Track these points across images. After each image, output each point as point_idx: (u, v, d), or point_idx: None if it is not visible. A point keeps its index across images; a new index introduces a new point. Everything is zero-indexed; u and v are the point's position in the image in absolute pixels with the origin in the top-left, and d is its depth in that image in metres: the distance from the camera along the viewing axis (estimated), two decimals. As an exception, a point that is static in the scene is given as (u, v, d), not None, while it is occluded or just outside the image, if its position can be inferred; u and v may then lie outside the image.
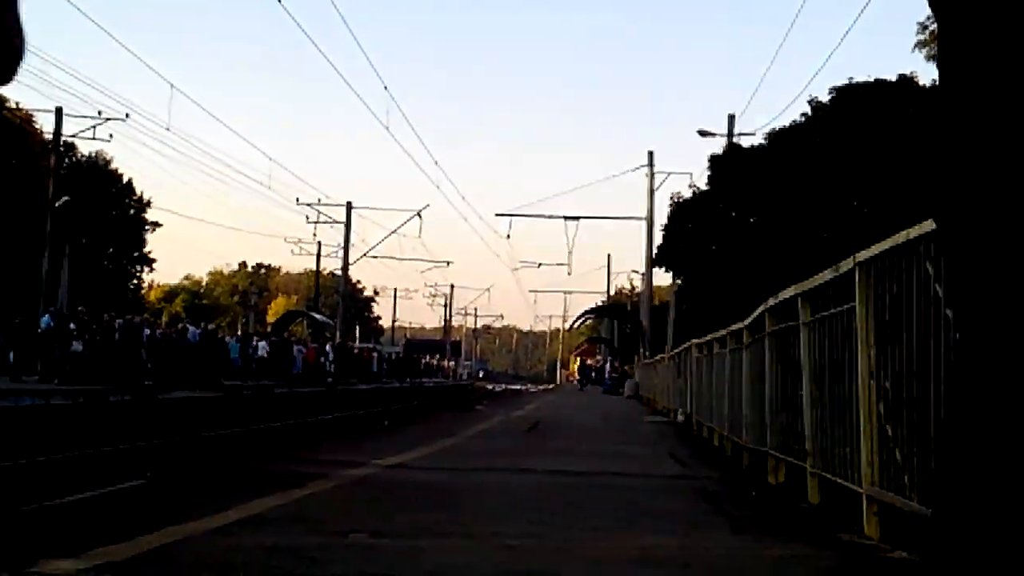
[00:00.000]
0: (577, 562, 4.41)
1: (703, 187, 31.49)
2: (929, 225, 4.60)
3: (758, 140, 31.22)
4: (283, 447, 20.55)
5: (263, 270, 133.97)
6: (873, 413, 5.56)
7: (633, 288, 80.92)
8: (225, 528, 5.18)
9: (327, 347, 51.91)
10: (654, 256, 36.96)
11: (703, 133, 36.59)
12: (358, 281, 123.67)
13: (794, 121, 29.98)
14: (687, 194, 32.42)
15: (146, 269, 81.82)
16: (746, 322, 10.87)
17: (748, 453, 10.47)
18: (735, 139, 34.18)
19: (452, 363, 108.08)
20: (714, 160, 30.38)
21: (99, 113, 40.98)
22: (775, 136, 29.85)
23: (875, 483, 5.53)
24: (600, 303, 76.97)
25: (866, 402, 5.66)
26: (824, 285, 6.79)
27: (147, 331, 30.81)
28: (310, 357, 46.69)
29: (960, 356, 1.93)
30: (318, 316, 64.45)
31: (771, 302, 9.08)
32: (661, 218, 35.69)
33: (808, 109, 30.28)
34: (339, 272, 69.49)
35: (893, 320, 5.19)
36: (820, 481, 7.15)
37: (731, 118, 36.24)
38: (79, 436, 23.80)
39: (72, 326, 27.67)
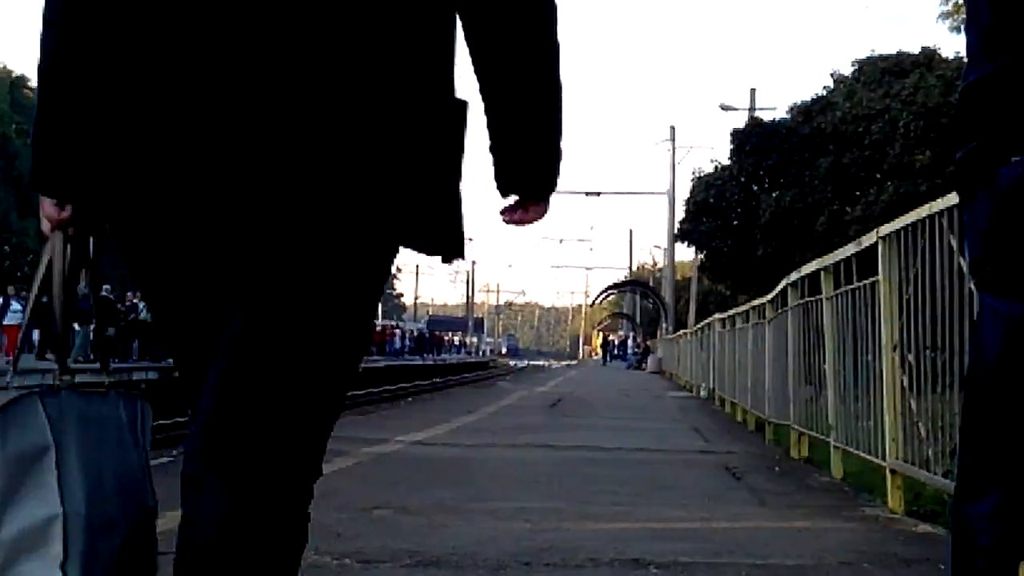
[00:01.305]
0: (599, 537, 4.43)
1: (725, 162, 31.37)
2: (952, 198, 4.59)
3: (780, 114, 31.09)
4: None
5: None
6: (896, 387, 5.55)
7: (655, 263, 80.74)
8: (251, 504, 5.22)
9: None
10: (676, 231, 36.85)
11: (725, 107, 36.48)
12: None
13: (816, 95, 29.83)
14: (709, 169, 32.30)
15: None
16: (769, 297, 10.86)
17: (771, 427, 10.48)
18: (757, 113, 34.03)
19: (475, 339, 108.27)
20: (736, 134, 30.23)
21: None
22: (797, 110, 29.69)
23: (899, 457, 5.53)
24: (622, 278, 76.88)
25: (890, 376, 5.65)
26: (847, 259, 6.77)
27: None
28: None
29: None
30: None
31: (794, 276, 9.06)
32: (683, 193, 35.58)
33: (831, 82, 30.13)
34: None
35: (916, 293, 5.18)
36: (843, 455, 7.15)
37: (753, 92, 36.15)
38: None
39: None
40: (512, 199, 1.84)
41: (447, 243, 1.72)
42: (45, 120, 1.66)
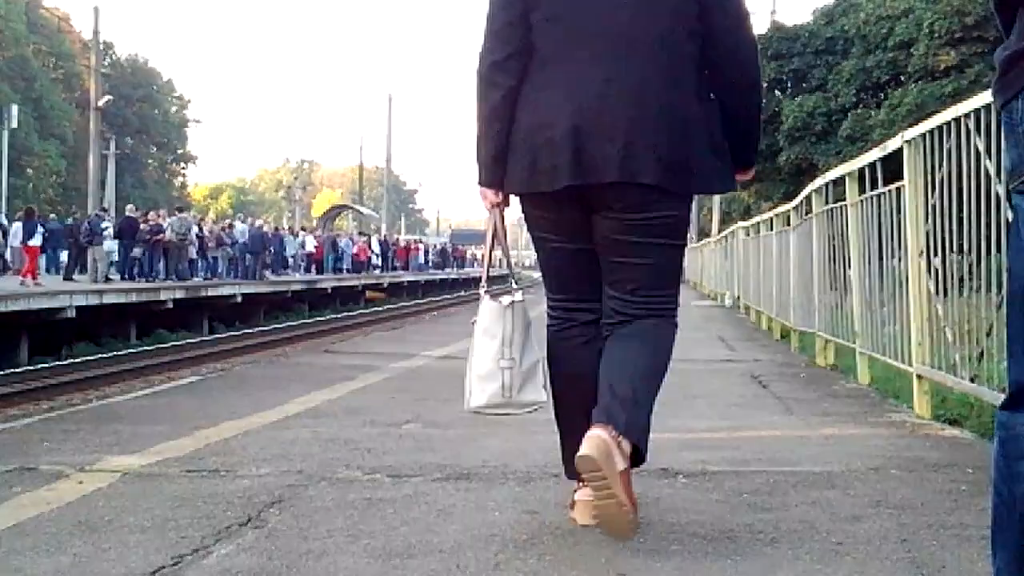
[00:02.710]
0: (628, 447, 4.46)
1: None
2: (979, 99, 4.53)
3: (803, 17, 30.65)
4: (334, 338, 20.80)
5: (307, 165, 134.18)
6: (923, 292, 5.53)
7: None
8: (282, 422, 5.28)
9: (373, 240, 52.09)
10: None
11: (746, 12, 35.97)
12: (401, 174, 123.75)
13: (839, -4, 29.37)
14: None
15: (190, 166, 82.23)
16: (793, 204, 10.80)
17: (796, 335, 10.49)
18: (778, 17, 33.58)
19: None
20: (757, 39, 29.87)
21: (136, 12, 40.81)
22: (820, 12, 29.26)
23: (925, 362, 5.53)
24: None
25: (916, 281, 5.63)
26: (872, 164, 6.72)
27: (196, 228, 31.03)
28: (358, 251, 46.88)
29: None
30: (363, 210, 64.63)
31: (818, 183, 9.00)
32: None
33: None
34: (383, 165, 69.41)
35: (942, 198, 5.14)
36: (869, 361, 7.16)
37: (774, -5, 35.64)
38: (135, 333, 24.19)
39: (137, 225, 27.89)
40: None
41: (722, 181, 3.14)
42: (491, 148, 3.10)
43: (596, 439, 2.72)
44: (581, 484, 3.04)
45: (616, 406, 2.83)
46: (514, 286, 3.25)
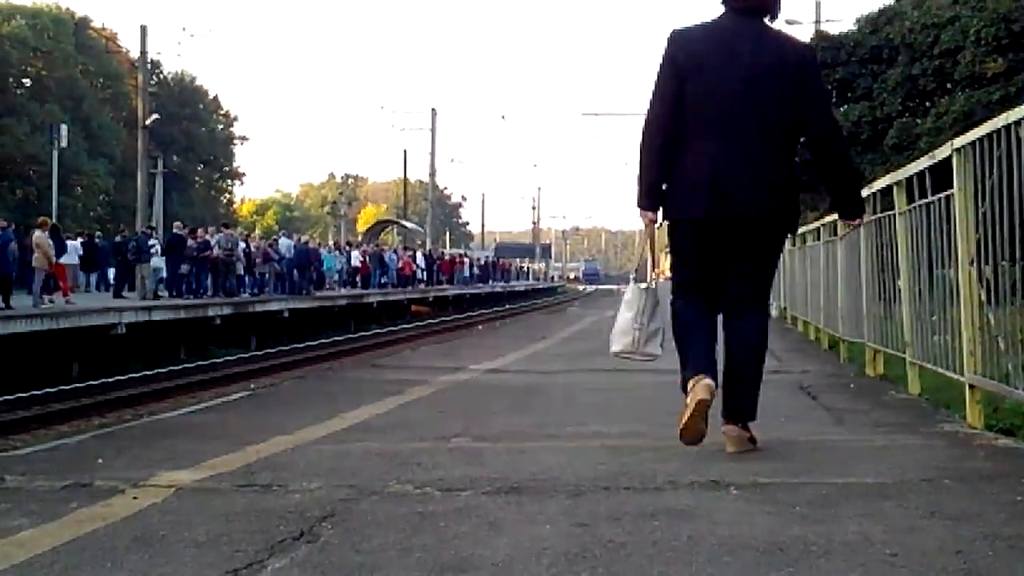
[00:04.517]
0: (677, 459, 4.45)
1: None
2: (1030, 107, 4.49)
3: (847, 26, 30.47)
4: (381, 353, 20.84)
5: (351, 180, 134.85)
6: (974, 301, 5.48)
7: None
8: (332, 436, 5.31)
9: (418, 254, 52.23)
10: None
11: (790, 22, 35.78)
12: (445, 187, 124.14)
13: (884, 4, 29.11)
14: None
15: (236, 183, 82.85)
16: (840, 213, 10.71)
17: (845, 345, 10.41)
18: (823, 26, 33.39)
19: (542, 265, 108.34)
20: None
21: (183, 29, 41.34)
22: (864, 20, 29.05)
23: (977, 371, 5.47)
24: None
25: (967, 290, 5.58)
26: (920, 173, 6.66)
27: (242, 244, 31.26)
28: (403, 265, 47.01)
29: None
30: (408, 224, 64.81)
31: (865, 192, 8.93)
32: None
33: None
34: (426, 179, 69.63)
35: (993, 206, 5.09)
36: (919, 371, 7.09)
37: (818, 4, 35.49)
38: (183, 349, 24.37)
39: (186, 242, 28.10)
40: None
41: (794, 225, 4.80)
42: (650, 183, 4.66)
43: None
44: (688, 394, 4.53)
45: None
46: (651, 279, 4.96)
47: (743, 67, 4.54)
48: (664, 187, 4.68)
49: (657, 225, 4.77)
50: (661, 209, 4.71)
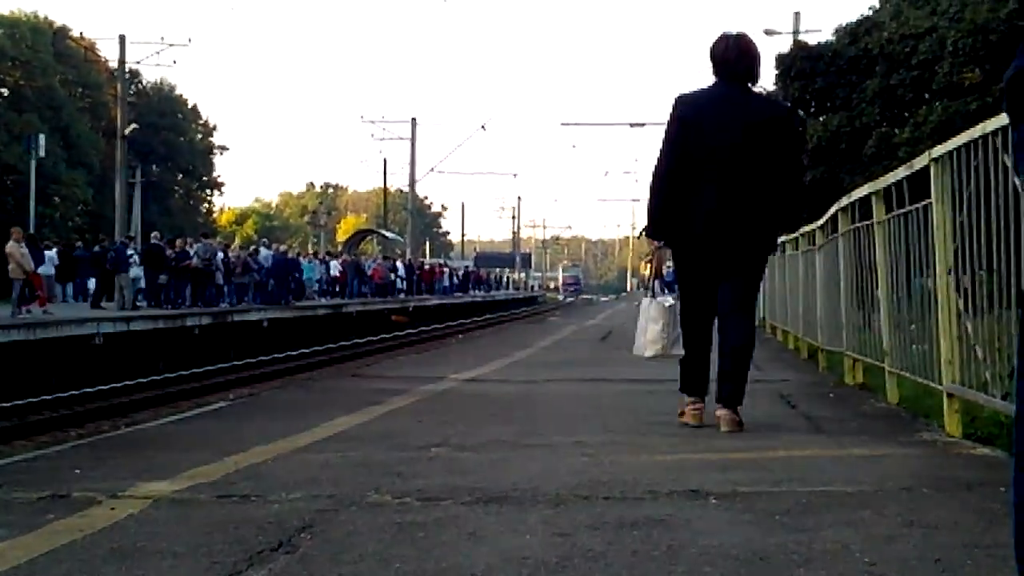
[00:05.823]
0: (657, 469, 4.46)
1: (771, 87, 30.95)
2: (1006, 117, 4.51)
3: (826, 37, 30.58)
4: (360, 363, 20.80)
5: (331, 189, 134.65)
6: (952, 310, 5.51)
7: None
8: (311, 446, 5.29)
9: (398, 263, 52.14)
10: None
11: (769, 32, 35.98)
12: (425, 197, 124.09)
13: (862, 15, 29.27)
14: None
15: (216, 193, 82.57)
16: (819, 223, 10.77)
17: (824, 354, 10.44)
18: (801, 36, 33.52)
19: (522, 275, 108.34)
20: (781, 59, 29.77)
21: (162, 39, 41.20)
22: (843, 31, 29.17)
23: (955, 380, 5.49)
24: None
25: (945, 299, 5.60)
26: (898, 182, 6.69)
27: (221, 254, 31.15)
28: (381, 274, 46.90)
29: None
30: (388, 233, 64.70)
31: (844, 202, 8.97)
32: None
33: (876, 2, 29.56)
34: (406, 189, 69.57)
35: (970, 215, 5.12)
36: (898, 380, 7.12)
37: (797, 15, 35.64)
38: (162, 359, 24.27)
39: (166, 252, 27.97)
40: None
41: (772, 249, 6.55)
42: (658, 216, 5.94)
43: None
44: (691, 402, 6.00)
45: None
46: (664, 296, 6.57)
47: (735, 126, 5.69)
48: (671, 220, 5.88)
49: (660, 246, 6.18)
50: (667, 237, 6.03)
